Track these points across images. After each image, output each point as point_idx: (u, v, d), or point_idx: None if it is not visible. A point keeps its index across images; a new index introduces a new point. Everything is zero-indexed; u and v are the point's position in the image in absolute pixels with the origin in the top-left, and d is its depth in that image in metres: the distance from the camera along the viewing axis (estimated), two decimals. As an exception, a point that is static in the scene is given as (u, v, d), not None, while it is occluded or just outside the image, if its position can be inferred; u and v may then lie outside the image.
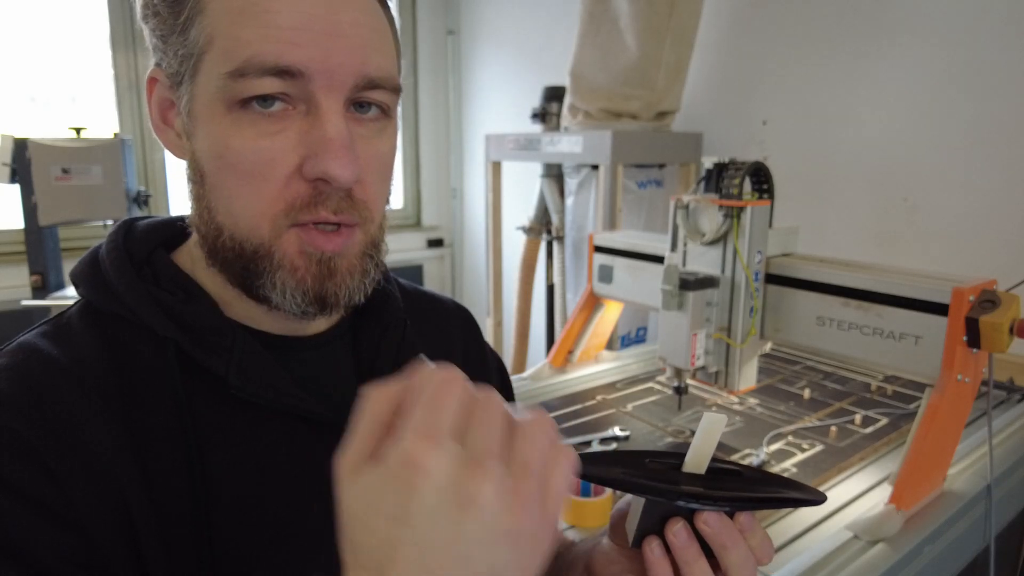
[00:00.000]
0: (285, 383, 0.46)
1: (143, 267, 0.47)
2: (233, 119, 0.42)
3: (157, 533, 0.41)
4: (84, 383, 0.42)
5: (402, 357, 0.54)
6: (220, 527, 0.42)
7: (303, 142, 0.42)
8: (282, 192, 0.43)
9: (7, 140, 1.83)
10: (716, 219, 0.99)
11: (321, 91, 0.42)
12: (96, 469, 0.40)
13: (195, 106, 0.44)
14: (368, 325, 0.54)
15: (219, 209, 0.44)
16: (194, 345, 0.44)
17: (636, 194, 1.91)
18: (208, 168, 0.44)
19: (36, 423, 0.39)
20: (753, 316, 1.00)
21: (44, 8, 2.21)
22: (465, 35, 3.02)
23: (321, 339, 0.52)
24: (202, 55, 0.42)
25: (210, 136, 0.43)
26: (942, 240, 1.55)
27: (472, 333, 0.65)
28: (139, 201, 2.01)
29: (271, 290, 0.44)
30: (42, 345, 0.43)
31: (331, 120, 0.42)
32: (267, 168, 0.42)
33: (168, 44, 0.44)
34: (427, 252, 3.21)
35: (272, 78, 0.41)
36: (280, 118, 0.42)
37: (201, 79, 0.43)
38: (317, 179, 0.42)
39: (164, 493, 0.41)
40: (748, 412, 1.18)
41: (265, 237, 0.43)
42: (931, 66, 1.53)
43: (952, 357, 0.83)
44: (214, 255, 0.46)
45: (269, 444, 0.45)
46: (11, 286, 2.14)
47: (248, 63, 0.40)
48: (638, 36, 1.74)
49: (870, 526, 0.80)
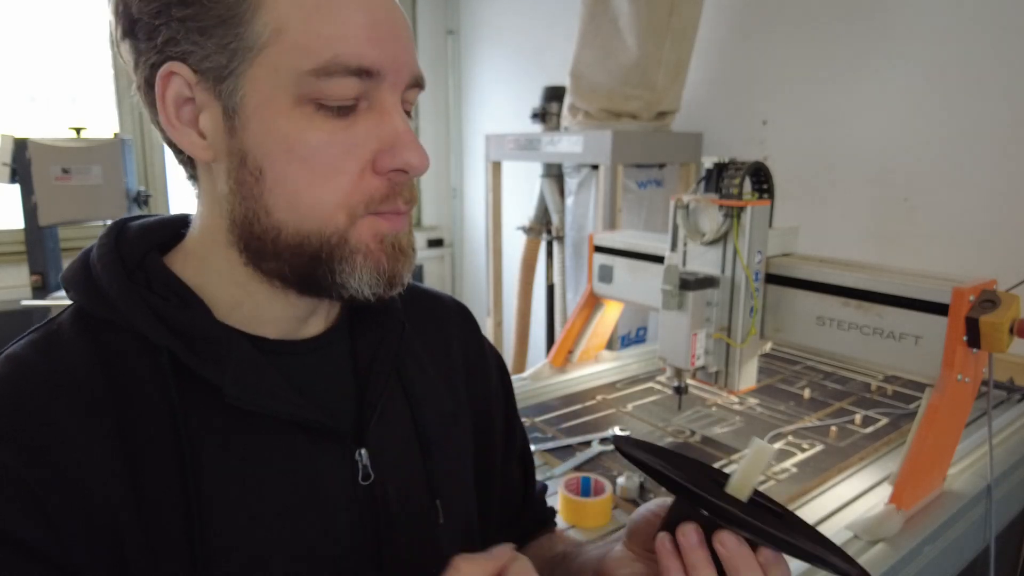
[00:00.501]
0: (283, 391, 0.45)
1: (136, 271, 0.46)
2: (303, 114, 0.42)
3: (147, 551, 0.40)
4: (73, 399, 0.40)
5: (400, 360, 0.54)
6: (214, 538, 0.42)
7: (374, 136, 0.43)
8: (357, 185, 0.43)
9: (7, 140, 1.84)
10: (716, 219, 0.99)
11: (387, 89, 0.43)
12: (83, 491, 0.39)
13: (249, 101, 0.42)
14: (366, 327, 0.53)
15: (281, 206, 0.43)
16: (189, 353, 0.43)
17: (636, 194, 1.91)
18: (269, 164, 0.42)
19: (26, 453, 0.38)
20: (753, 316, 1.00)
21: (44, 8, 2.21)
22: (465, 35, 3.02)
23: (319, 342, 0.51)
24: (264, 48, 0.41)
25: (276, 131, 0.42)
26: (942, 240, 1.55)
27: (471, 331, 0.65)
28: (139, 201, 2.02)
29: (349, 276, 0.44)
30: (32, 358, 0.42)
31: (399, 116, 0.44)
32: (343, 162, 0.43)
33: (209, 36, 0.41)
34: (427, 252, 3.21)
35: (353, 78, 0.41)
36: (349, 113, 0.43)
37: (261, 72, 0.41)
38: (394, 171, 0.44)
39: (156, 508, 0.40)
40: (748, 412, 1.18)
41: (341, 226, 0.43)
42: (931, 66, 1.53)
43: (952, 357, 0.83)
44: (270, 255, 0.44)
45: (266, 453, 0.45)
46: (11, 286, 2.14)
47: (333, 62, 0.41)
48: (638, 36, 1.74)
49: (870, 526, 0.80)
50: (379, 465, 0.49)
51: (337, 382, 0.51)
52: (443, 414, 0.56)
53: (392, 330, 0.53)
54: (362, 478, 0.48)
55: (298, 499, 0.45)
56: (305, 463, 0.46)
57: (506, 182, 2.29)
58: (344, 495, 0.47)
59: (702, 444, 1.06)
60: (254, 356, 0.45)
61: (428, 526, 0.51)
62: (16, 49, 2.19)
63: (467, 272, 3.27)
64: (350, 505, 0.47)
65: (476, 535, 0.57)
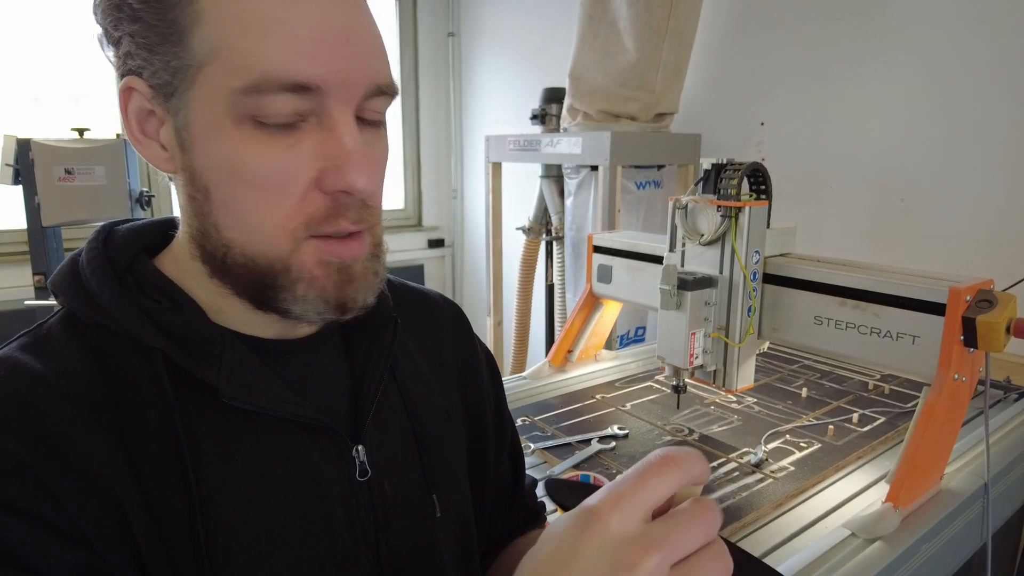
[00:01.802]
0: (278, 389, 0.45)
1: (126, 274, 0.46)
2: (244, 134, 0.40)
3: (156, 543, 0.40)
4: (71, 397, 0.40)
5: (394, 358, 0.54)
6: (216, 536, 0.42)
7: (319, 155, 0.41)
8: (300, 206, 0.41)
9: (10, 141, 1.85)
10: (714, 219, 0.99)
11: (335, 104, 0.41)
12: (92, 483, 0.39)
13: (194, 119, 0.41)
14: (359, 326, 0.52)
15: (229, 225, 0.43)
16: (184, 355, 0.43)
17: (635, 195, 1.91)
18: (215, 184, 0.42)
19: (27, 441, 0.38)
20: (751, 315, 1.01)
21: (47, 9, 2.22)
22: (465, 37, 3.03)
23: (312, 341, 0.51)
24: (202, 67, 0.40)
25: (218, 152, 0.41)
26: (939, 240, 1.56)
27: (461, 327, 0.65)
28: (142, 202, 2.02)
29: (292, 303, 0.43)
30: (24, 359, 0.41)
31: (347, 132, 0.41)
32: (285, 183, 0.41)
33: (155, 53, 0.41)
34: (428, 252, 3.22)
35: (288, 95, 0.39)
36: (291, 131, 0.41)
37: (202, 92, 0.40)
38: (338, 191, 0.42)
39: (159, 504, 0.41)
40: (746, 411, 1.19)
41: (284, 251, 0.42)
42: (927, 68, 1.54)
43: (949, 356, 0.84)
44: (221, 271, 0.44)
45: (263, 451, 0.45)
46: (14, 286, 2.15)
47: (264, 79, 0.39)
48: (637, 38, 1.75)
49: (867, 524, 0.80)
50: (376, 461, 0.49)
51: (333, 380, 0.51)
52: (437, 410, 0.56)
53: (385, 328, 0.53)
54: (359, 474, 0.48)
55: (297, 496, 0.45)
56: (303, 460, 0.46)
57: (506, 183, 2.29)
58: (342, 491, 0.47)
59: (700, 442, 1.07)
60: (248, 356, 0.45)
61: (425, 520, 0.52)
62: (20, 50, 2.20)
63: (467, 272, 3.28)
64: (348, 501, 0.48)
65: (472, 528, 0.58)
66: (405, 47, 3.01)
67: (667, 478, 0.31)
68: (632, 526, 0.30)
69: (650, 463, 0.31)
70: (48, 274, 1.93)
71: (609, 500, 0.30)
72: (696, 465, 0.31)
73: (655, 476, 0.30)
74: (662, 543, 0.29)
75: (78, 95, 2.34)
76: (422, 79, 3.05)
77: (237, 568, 0.42)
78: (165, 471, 0.41)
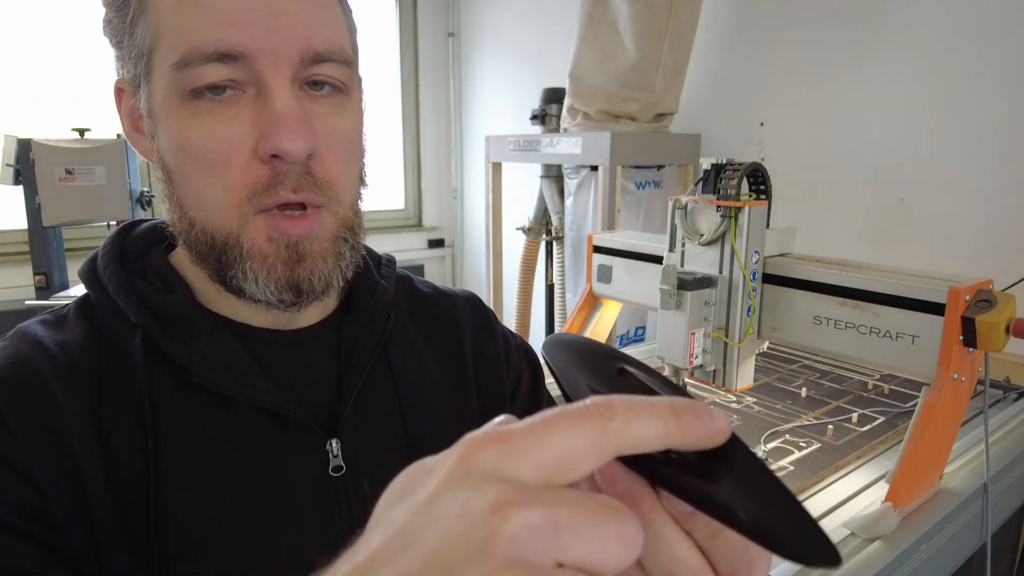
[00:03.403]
0: (251, 375, 0.46)
1: (136, 262, 0.49)
2: (189, 111, 0.42)
3: (109, 503, 0.42)
4: (61, 364, 0.44)
5: (395, 354, 0.54)
6: (170, 510, 0.43)
7: (256, 124, 0.42)
8: (242, 177, 0.42)
9: (11, 141, 1.85)
10: (714, 219, 1.00)
11: (267, 71, 0.41)
12: (54, 437, 0.41)
13: (153, 105, 0.44)
14: (353, 319, 0.53)
15: (188, 204, 0.45)
16: (161, 333, 0.45)
17: (635, 195, 1.91)
18: (173, 164, 0.44)
19: (7, 393, 0.42)
20: (750, 315, 1.01)
21: (48, 9, 2.22)
22: (465, 37, 3.03)
23: (307, 333, 0.51)
24: (152, 52, 0.42)
25: (170, 132, 0.43)
26: (938, 240, 1.56)
27: (483, 323, 0.63)
28: (142, 202, 2.02)
29: (243, 280, 0.44)
30: (36, 330, 0.46)
31: (279, 96, 0.42)
32: (226, 155, 0.42)
33: (123, 49, 0.44)
34: (428, 252, 3.22)
35: (216, 64, 0.40)
36: (232, 103, 0.42)
37: (154, 77, 0.43)
38: (272, 157, 0.42)
39: (120, 470, 0.42)
40: (745, 410, 1.19)
41: (233, 226, 0.43)
42: (926, 68, 1.54)
43: (948, 356, 0.84)
44: (191, 250, 0.46)
45: (228, 433, 0.45)
46: (15, 286, 2.15)
47: (190, 51, 0.40)
48: (637, 38, 1.75)
49: (867, 524, 0.80)
50: (355, 458, 0.49)
51: (319, 373, 0.51)
52: (442, 411, 0.55)
53: (375, 319, 0.53)
54: (332, 469, 0.48)
55: (262, 485, 0.45)
56: (270, 449, 0.46)
57: (506, 183, 2.29)
58: (312, 485, 0.47)
59: (700, 443, 1.07)
60: (228, 340, 0.46)
61: None
62: (20, 50, 2.20)
63: (467, 272, 3.28)
64: (318, 496, 0.47)
65: None
66: (405, 47, 3.01)
67: (579, 433, 0.20)
68: (511, 474, 0.19)
69: (567, 410, 0.20)
70: (49, 274, 1.94)
71: (489, 436, 0.20)
72: (656, 424, 0.20)
73: (566, 426, 0.20)
74: (547, 503, 0.19)
75: (78, 95, 2.34)
76: (422, 79, 3.05)
77: (187, 545, 0.43)
78: (130, 441, 0.43)
